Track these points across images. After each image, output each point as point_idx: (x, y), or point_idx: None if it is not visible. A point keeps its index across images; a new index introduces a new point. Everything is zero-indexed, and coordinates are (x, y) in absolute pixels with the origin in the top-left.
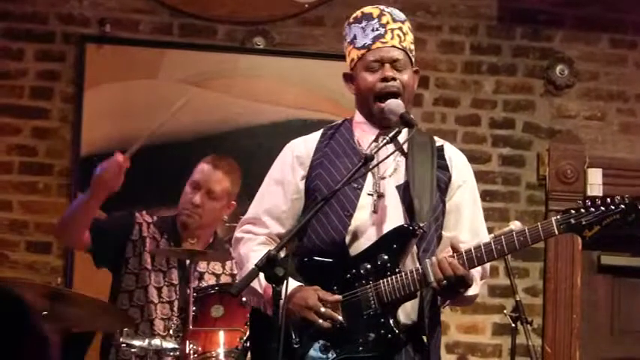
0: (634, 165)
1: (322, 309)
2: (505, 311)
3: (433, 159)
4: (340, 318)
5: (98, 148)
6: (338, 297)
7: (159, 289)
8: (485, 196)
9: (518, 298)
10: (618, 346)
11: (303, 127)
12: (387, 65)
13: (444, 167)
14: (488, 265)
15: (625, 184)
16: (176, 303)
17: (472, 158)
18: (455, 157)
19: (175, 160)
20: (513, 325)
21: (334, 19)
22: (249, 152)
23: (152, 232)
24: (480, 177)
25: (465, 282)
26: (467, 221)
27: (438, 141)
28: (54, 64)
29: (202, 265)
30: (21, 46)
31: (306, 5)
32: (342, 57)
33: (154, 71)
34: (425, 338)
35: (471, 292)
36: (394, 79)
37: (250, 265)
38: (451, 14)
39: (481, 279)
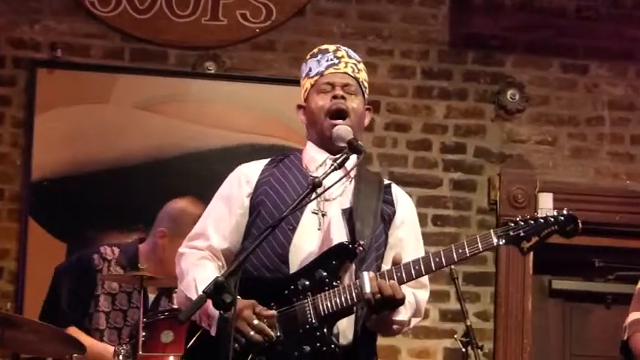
0: (585, 189)
1: (255, 321)
2: (456, 336)
3: (380, 193)
4: (273, 334)
5: (49, 173)
6: (273, 312)
7: (107, 314)
8: (436, 220)
9: (469, 323)
10: None
11: (254, 152)
12: (338, 87)
13: (389, 202)
14: (423, 306)
15: (576, 209)
16: (125, 329)
17: (423, 183)
18: (400, 196)
19: (126, 184)
20: (464, 349)
21: (285, 44)
22: (200, 177)
23: (114, 270)
24: (430, 202)
25: (399, 301)
26: (409, 259)
27: (386, 181)
28: (4, 89)
29: None
30: None
31: (257, 30)
32: (293, 82)
33: (106, 96)
34: None
35: (399, 317)
36: (344, 97)
37: (190, 278)
38: (402, 39)
39: (413, 315)
